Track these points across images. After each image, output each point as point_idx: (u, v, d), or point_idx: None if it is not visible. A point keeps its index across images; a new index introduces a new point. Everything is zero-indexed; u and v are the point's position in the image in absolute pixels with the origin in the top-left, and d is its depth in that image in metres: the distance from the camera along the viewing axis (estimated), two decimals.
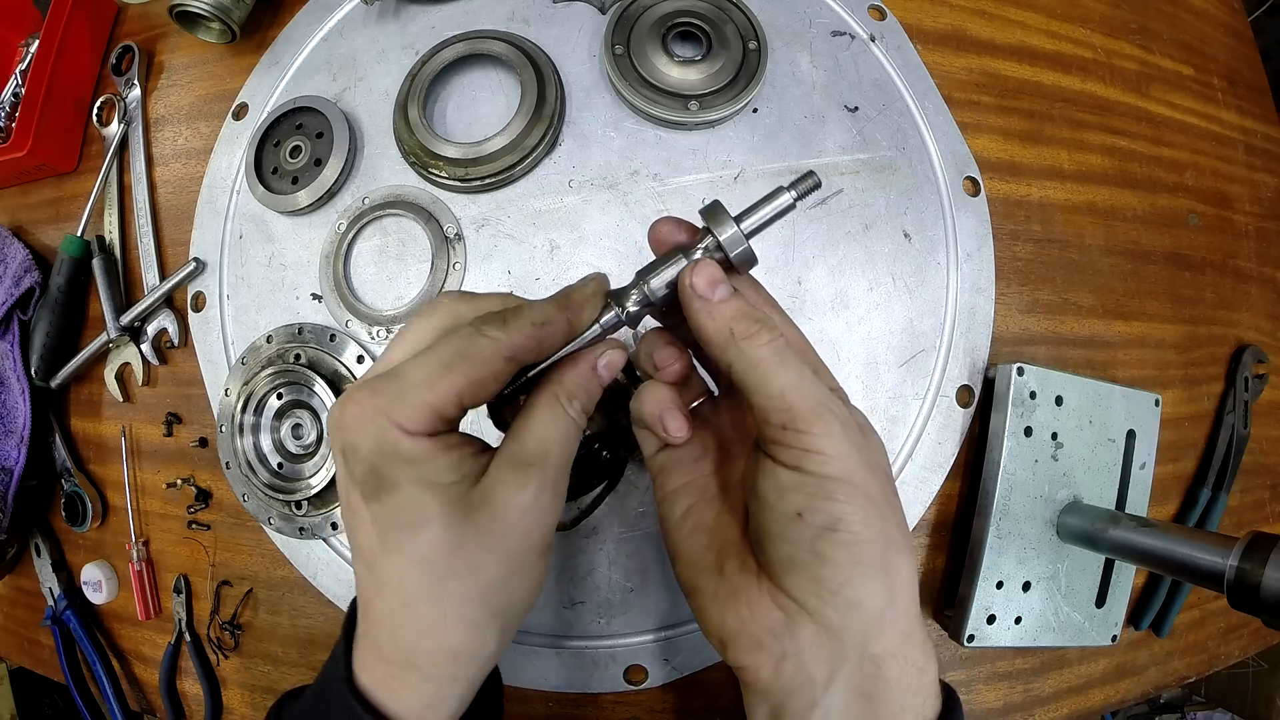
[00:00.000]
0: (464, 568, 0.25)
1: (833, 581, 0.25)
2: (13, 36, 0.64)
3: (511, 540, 0.25)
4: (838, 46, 0.52)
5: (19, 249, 0.57)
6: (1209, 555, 0.37)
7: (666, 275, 0.29)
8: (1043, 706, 0.49)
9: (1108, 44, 0.60)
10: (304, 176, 0.51)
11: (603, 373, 0.28)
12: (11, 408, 0.55)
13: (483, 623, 0.26)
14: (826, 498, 0.25)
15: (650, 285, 0.29)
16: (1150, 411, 0.49)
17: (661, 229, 0.30)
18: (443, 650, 0.26)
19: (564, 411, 0.27)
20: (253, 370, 0.48)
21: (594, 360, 0.28)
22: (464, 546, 0.25)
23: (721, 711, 0.45)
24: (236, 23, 0.54)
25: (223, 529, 0.52)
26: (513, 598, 0.26)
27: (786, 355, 0.26)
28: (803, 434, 0.25)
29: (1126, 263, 0.55)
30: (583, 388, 0.28)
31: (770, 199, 0.29)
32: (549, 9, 0.52)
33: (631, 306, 0.29)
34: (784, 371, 0.26)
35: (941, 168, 0.50)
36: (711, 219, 0.28)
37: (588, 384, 0.28)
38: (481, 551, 0.25)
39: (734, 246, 0.28)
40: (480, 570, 0.25)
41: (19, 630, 0.60)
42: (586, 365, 0.28)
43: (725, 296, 0.27)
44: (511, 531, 0.25)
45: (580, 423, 0.28)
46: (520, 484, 0.26)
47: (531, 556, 0.26)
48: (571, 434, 0.27)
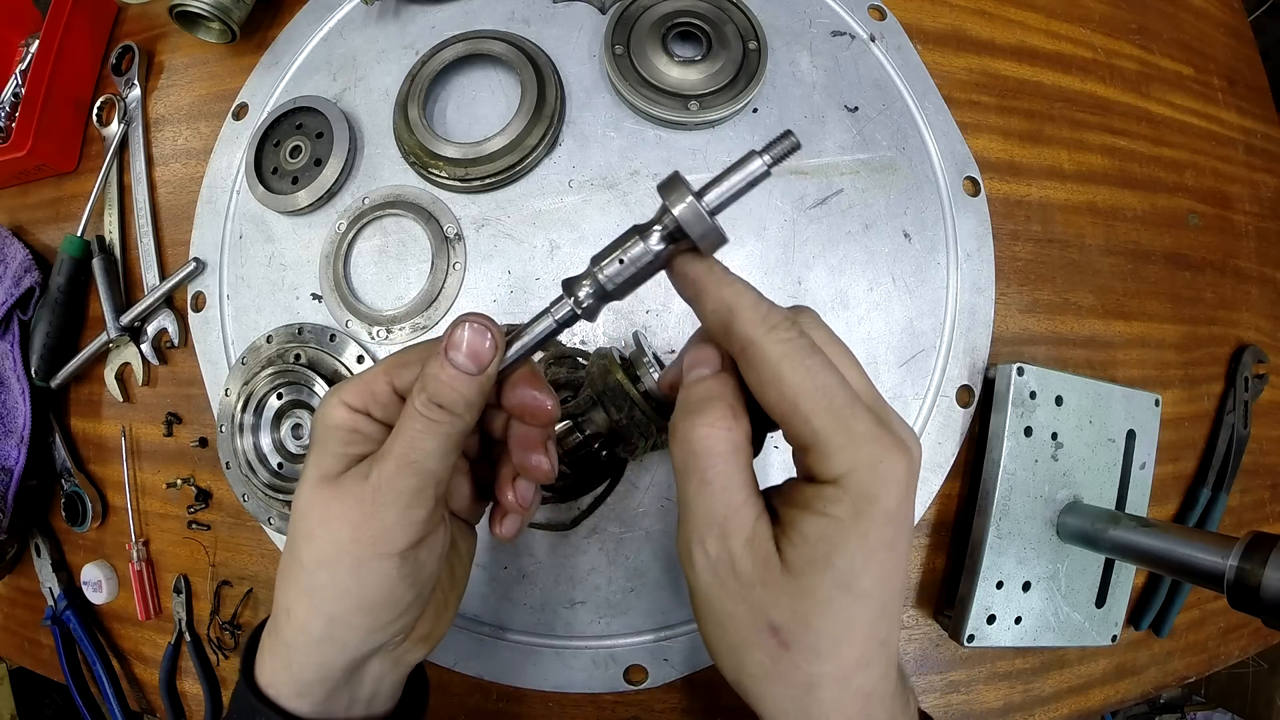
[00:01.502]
0: (304, 532, 0.26)
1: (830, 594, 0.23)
2: (13, 36, 0.64)
3: (342, 526, 0.25)
4: (838, 46, 0.52)
5: (19, 249, 0.57)
6: (1209, 555, 0.37)
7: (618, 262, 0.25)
8: (1043, 706, 0.49)
9: (1108, 44, 0.60)
10: (304, 176, 0.51)
11: (452, 354, 0.25)
12: (11, 408, 0.55)
13: (309, 594, 0.26)
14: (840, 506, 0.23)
15: (602, 276, 0.26)
16: (1150, 411, 0.49)
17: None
18: (283, 606, 0.27)
19: (411, 405, 0.25)
20: (253, 370, 0.48)
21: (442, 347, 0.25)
22: (308, 514, 0.26)
23: (721, 711, 0.45)
24: (236, 23, 0.54)
25: (223, 529, 0.52)
26: (340, 588, 0.26)
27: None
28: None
29: (1126, 263, 0.55)
30: (431, 375, 0.25)
31: (739, 166, 0.24)
32: (549, 9, 0.52)
33: (584, 298, 0.26)
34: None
35: (941, 168, 0.50)
36: (668, 194, 0.24)
37: (436, 371, 0.25)
38: (317, 524, 0.26)
39: (695, 226, 0.24)
40: (312, 541, 0.26)
41: (19, 630, 0.60)
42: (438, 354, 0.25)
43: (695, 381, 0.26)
44: (343, 516, 0.25)
45: (431, 415, 0.25)
46: (362, 474, 0.26)
47: (363, 553, 0.25)
48: (419, 427, 0.25)
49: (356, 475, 0.26)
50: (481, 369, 0.25)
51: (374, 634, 0.27)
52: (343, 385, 0.27)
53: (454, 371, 0.25)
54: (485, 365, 0.25)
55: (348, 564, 0.25)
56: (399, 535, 0.25)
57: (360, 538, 0.25)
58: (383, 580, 0.26)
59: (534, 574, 0.45)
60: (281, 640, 0.27)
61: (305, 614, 0.26)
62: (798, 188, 0.48)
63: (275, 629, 0.28)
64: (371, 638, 0.27)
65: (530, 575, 0.45)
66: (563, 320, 0.26)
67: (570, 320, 0.26)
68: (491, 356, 0.25)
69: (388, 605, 0.26)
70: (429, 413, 0.25)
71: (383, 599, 0.26)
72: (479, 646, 0.45)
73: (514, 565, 0.45)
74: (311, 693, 0.27)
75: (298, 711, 0.27)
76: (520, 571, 0.45)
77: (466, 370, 0.25)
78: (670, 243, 0.25)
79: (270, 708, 0.27)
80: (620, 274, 0.25)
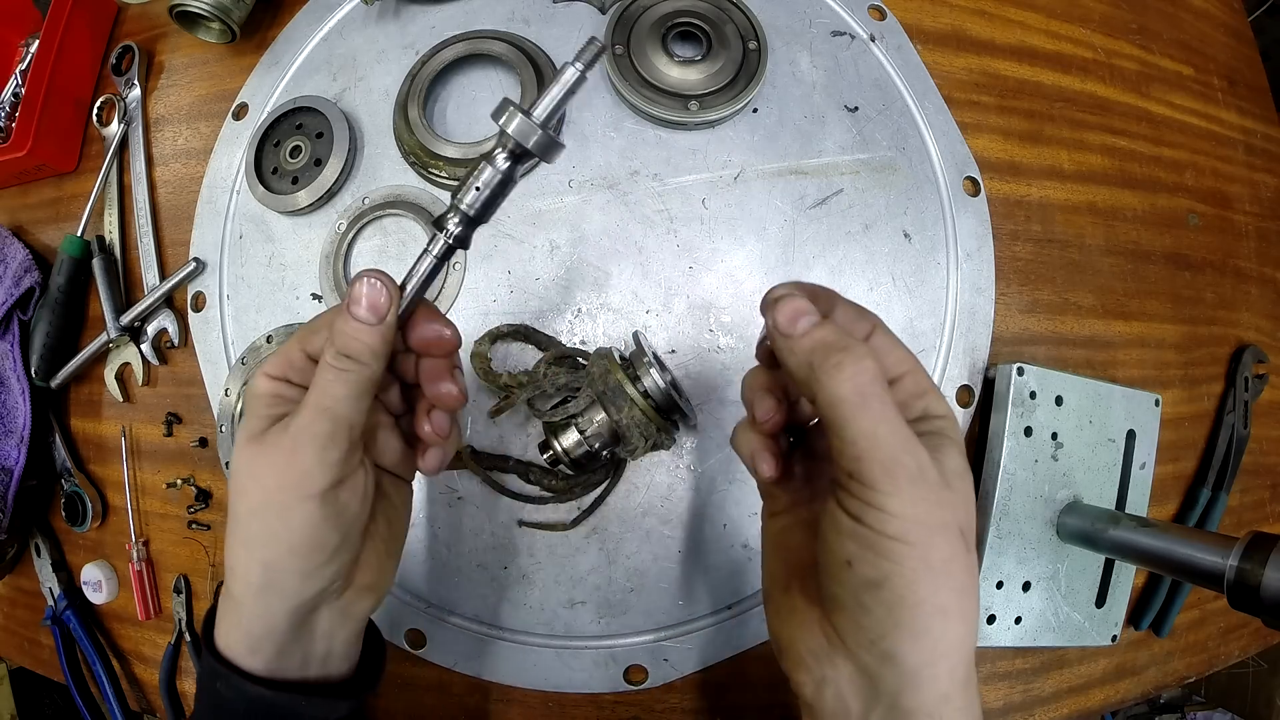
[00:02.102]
0: (238, 488, 0.28)
1: (871, 632, 0.25)
2: (13, 36, 0.64)
3: (268, 475, 0.27)
4: (838, 46, 0.52)
5: (19, 249, 0.57)
6: (1209, 555, 0.37)
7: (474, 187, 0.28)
8: (1043, 706, 0.49)
9: (1108, 44, 0.60)
10: (304, 176, 0.51)
11: (354, 309, 0.27)
12: (11, 408, 0.55)
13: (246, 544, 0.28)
14: (878, 554, 0.24)
15: (464, 204, 0.29)
16: (1150, 411, 0.49)
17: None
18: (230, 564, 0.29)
19: (324, 360, 0.28)
20: (252, 370, 0.48)
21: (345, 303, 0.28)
22: (240, 471, 0.28)
23: (722, 711, 0.45)
24: (236, 23, 0.54)
25: (223, 529, 0.51)
26: (270, 533, 0.28)
27: (869, 395, 0.24)
28: (867, 487, 0.24)
29: (1126, 263, 0.55)
30: (338, 329, 0.28)
31: (556, 78, 0.28)
32: (549, 9, 0.52)
33: (453, 228, 0.29)
34: (862, 416, 0.24)
35: (941, 168, 0.50)
36: (501, 116, 0.28)
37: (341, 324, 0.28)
38: (247, 478, 0.28)
39: (529, 137, 0.27)
40: (244, 495, 0.28)
41: (19, 630, 0.60)
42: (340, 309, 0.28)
43: (806, 328, 0.26)
44: (269, 466, 0.27)
45: (338, 364, 0.27)
46: (283, 427, 0.28)
47: (287, 497, 0.27)
48: (330, 376, 0.27)
49: (279, 429, 0.28)
50: (380, 318, 0.28)
51: (309, 579, 0.28)
52: (265, 359, 0.30)
53: (356, 324, 0.28)
54: (383, 314, 0.28)
55: (275, 509, 0.27)
56: (317, 476, 0.27)
57: (284, 483, 0.27)
58: (307, 521, 0.27)
59: (534, 574, 0.45)
60: (231, 598, 0.29)
61: (245, 565, 0.28)
62: (798, 188, 0.48)
63: (226, 590, 0.30)
64: (308, 583, 0.28)
65: (530, 575, 0.45)
66: (440, 254, 0.29)
67: (448, 252, 0.29)
68: (388, 306, 0.28)
69: (315, 547, 0.28)
70: (337, 363, 0.28)
71: (309, 540, 0.28)
72: (479, 646, 0.45)
73: (514, 565, 0.45)
74: (262, 648, 0.29)
75: (252, 669, 0.29)
76: (520, 571, 0.45)
77: (367, 321, 0.28)
78: (515, 160, 0.29)
79: (228, 668, 0.29)
80: (478, 198, 0.29)
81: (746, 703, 0.45)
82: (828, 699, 0.27)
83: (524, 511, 0.45)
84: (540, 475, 0.44)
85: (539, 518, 0.45)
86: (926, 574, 0.24)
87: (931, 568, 0.24)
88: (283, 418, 0.28)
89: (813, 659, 0.27)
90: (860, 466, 0.24)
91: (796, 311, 0.26)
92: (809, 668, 0.27)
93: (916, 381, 0.28)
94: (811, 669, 0.27)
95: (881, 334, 0.29)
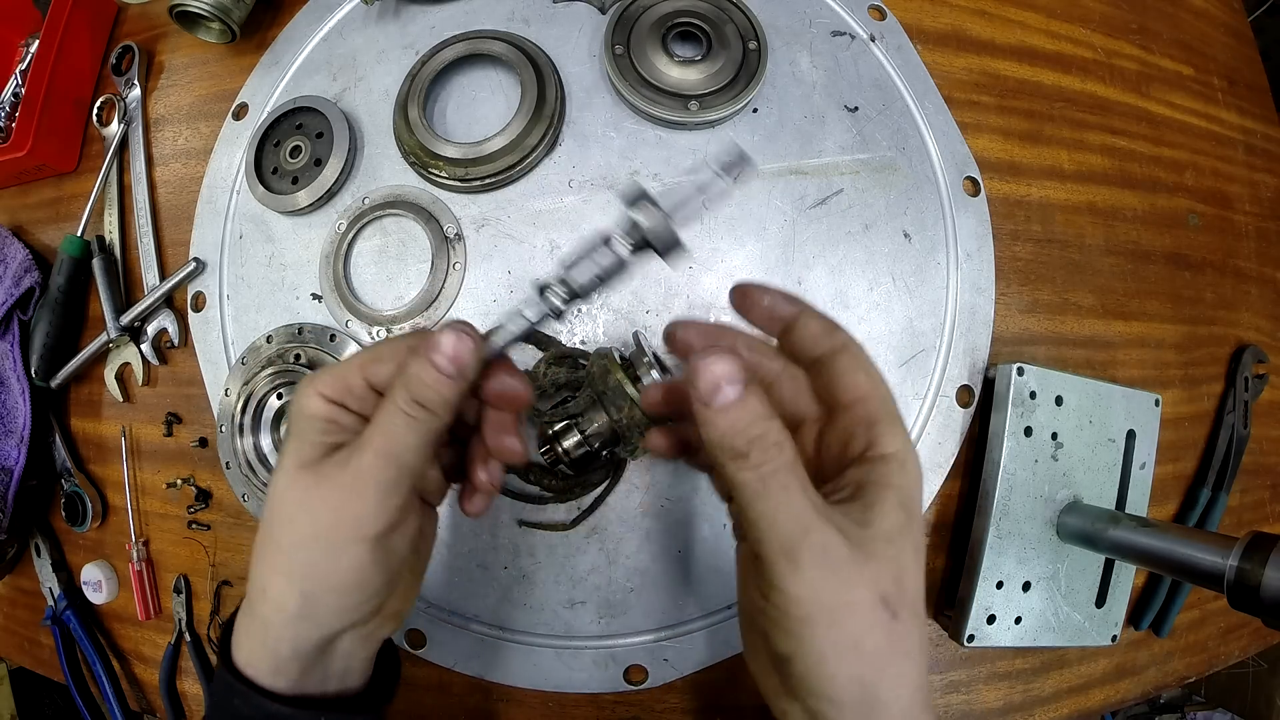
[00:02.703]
0: (284, 516, 0.27)
1: (798, 691, 0.25)
2: (13, 36, 0.64)
3: (321, 511, 0.26)
4: (838, 46, 0.52)
5: (19, 249, 0.57)
6: (1209, 555, 0.37)
7: (588, 268, 0.28)
8: (1043, 706, 0.49)
9: (1108, 44, 0.60)
10: (304, 176, 0.51)
11: (435, 358, 0.26)
12: (11, 408, 0.55)
13: (286, 573, 0.27)
14: (785, 632, 0.24)
15: (572, 279, 0.28)
16: (1150, 411, 0.49)
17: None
18: (259, 586, 0.28)
19: (393, 401, 0.27)
20: (253, 370, 0.48)
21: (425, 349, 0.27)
22: (287, 499, 0.27)
23: (721, 711, 0.45)
24: (236, 23, 0.54)
25: (223, 529, 0.52)
26: (317, 568, 0.27)
27: (770, 482, 0.24)
28: (768, 568, 0.24)
29: (1126, 263, 0.55)
30: (414, 375, 0.27)
31: (698, 183, 0.27)
32: (549, 9, 0.52)
33: (555, 299, 0.28)
34: (760, 503, 0.24)
35: (941, 168, 0.50)
36: (632, 204, 0.27)
37: (419, 372, 0.26)
38: (296, 508, 0.27)
39: (657, 234, 0.27)
40: (291, 524, 0.27)
41: (19, 630, 0.60)
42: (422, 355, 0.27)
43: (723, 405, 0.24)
44: (323, 502, 0.26)
45: (411, 412, 0.26)
46: (342, 463, 0.27)
47: (340, 536, 0.26)
48: (399, 423, 0.26)
49: (337, 463, 0.27)
50: (461, 374, 0.27)
51: (346, 612, 0.28)
52: (318, 376, 0.28)
53: (436, 374, 0.26)
54: (465, 370, 0.27)
55: (325, 547, 0.27)
56: (375, 520, 0.27)
57: (338, 522, 0.26)
58: (357, 562, 0.27)
59: (534, 574, 0.45)
60: (257, 618, 0.28)
61: (282, 591, 0.27)
62: (798, 188, 0.48)
63: (250, 608, 0.29)
64: (344, 615, 0.28)
65: (530, 575, 0.45)
66: (536, 320, 0.28)
67: (542, 320, 0.28)
68: (471, 363, 0.27)
69: (359, 586, 0.27)
70: (410, 410, 0.26)
71: (355, 580, 0.27)
72: (479, 646, 0.45)
73: (514, 565, 0.45)
74: (287, 670, 0.28)
75: (274, 688, 0.28)
76: (520, 571, 0.45)
77: (447, 373, 0.26)
78: (635, 247, 0.28)
79: (249, 686, 0.28)
80: (590, 279, 0.28)
81: (746, 703, 0.45)
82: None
83: (524, 511, 0.45)
84: (540, 475, 0.44)
85: (539, 518, 0.45)
86: (833, 651, 0.24)
87: (837, 645, 0.24)
88: (338, 446, 0.27)
89: (772, 694, 0.28)
90: (761, 549, 0.24)
91: (717, 380, 0.24)
92: (771, 700, 0.28)
93: (867, 411, 0.27)
94: (774, 702, 0.28)
95: (847, 355, 0.28)
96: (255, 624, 0.29)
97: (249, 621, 0.29)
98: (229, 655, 0.29)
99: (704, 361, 0.24)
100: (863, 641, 0.24)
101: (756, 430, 0.24)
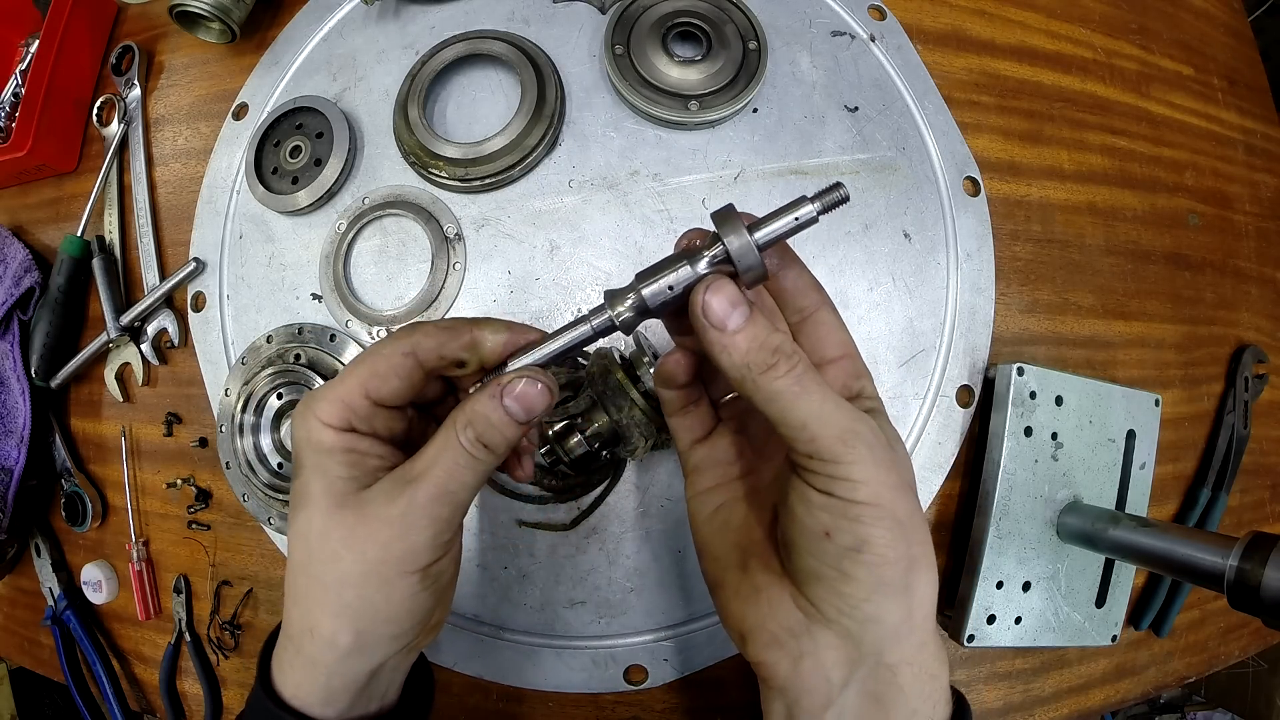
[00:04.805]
0: (326, 554, 0.26)
1: (854, 598, 0.26)
2: (13, 36, 0.64)
3: (370, 548, 0.26)
4: (838, 46, 0.52)
5: (19, 249, 0.57)
6: (1209, 555, 0.37)
7: (664, 282, 0.26)
8: (1043, 706, 0.49)
9: (1108, 44, 0.60)
10: (304, 176, 0.51)
11: (509, 403, 0.26)
12: (11, 408, 0.55)
13: (336, 613, 0.27)
14: (854, 520, 0.25)
15: (645, 293, 0.26)
16: (1150, 411, 0.49)
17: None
18: (305, 627, 0.27)
19: (455, 437, 0.26)
20: (253, 370, 0.48)
21: (499, 389, 0.26)
22: (329, 537, 0.26)
23: (721, 711, 0.45)
24: (236, 23, 0.54)
25: (223, 529, 0.52)
26: (369, 605, 0.26)
27: (806, 383, 0.25)
28: (829, 462, 0.25)
29: (1126, 263, 0.55)
30: (482, 416, 0.26)
31: (791, 208, 0.26)
32: (549, 9, 0.52)
33: (626, 312, 0.27)
34: (804, 403, 0.25)
35: (941, 168, 0.50)
36: (723, 224, 0.26)
37: (489, 413, 0.26)
38: (341, 546, 0.26)
39: (744, 258, 0.25)
40: (336, 563, 0.26)
41: (19, 630, 0.60)
42: (490, 392, 0.26)
43: (739, 325, 0.25)
44: (371, 539, 0.26)
45: (475, 453, 0.26)
46: (389, 497, 0.26)
47: (391, 571, 0.26)
48: (462, 462, 0.26)
49: (381, 498, 0.26)
50: (531, 419, 0.27)
51: (398, 640, 0.28)
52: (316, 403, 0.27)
53: (506, 418, 0.26)
54: (535, 416, 0.27)
55: (375, 583, 0.26)
56: (426, 555, 0.26)
57: (388, 558, 0.26)
58: (408, 594, 0.27)
59: (534, 574, 0.45)
60: (305, 657, 0.28)
61: (332, 631, 0.27)
62: (798, 188, 0.48)
63: (296, 648, 0.28)
64: (397, 643, 0.28)
65: (530, 575, 0.45)
66: (600, 329, 0.27)
67: (607, 330, 0.27)
68: (543, 409, 0.27)
69: (411, 616, 0.27)
70: (474, 450, 0.26)
71: (408, 611, 0.27)
72: (479, 646, 0.45)
73: (514, 565, 0.45)
74: (338, 700, 0.28)
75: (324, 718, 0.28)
76: (520, 571, 0.45)
77: (517, 419, 0.26)
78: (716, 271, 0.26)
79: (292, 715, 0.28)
80: (662, 295, 0.26)
81: (746, 702, 0.45)
82: (804, 673, 0.27)
83: (524, 511, 0.45)
84: (540, 475, 0.44)
85: (539, 518, 0.45)
86: (899, 530, 0.25)
87: (902, 523, 0.25)
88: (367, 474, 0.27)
89: (788, 635, 0.27)
90: (818, 446, 0.25)
91: (729, 302, 0.25)
92: (784, 644, 0.27)
93: (855, 365, 0.29)
94: (787, 645, 0.27)
95: (827, 311, 0.29)
96: (302, 661, 0.28)
97: (295, 658, 0.28)
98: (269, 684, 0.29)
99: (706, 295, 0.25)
100: (914, 520, 0.26)
101: (775, 341, 0.25)
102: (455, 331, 0.28)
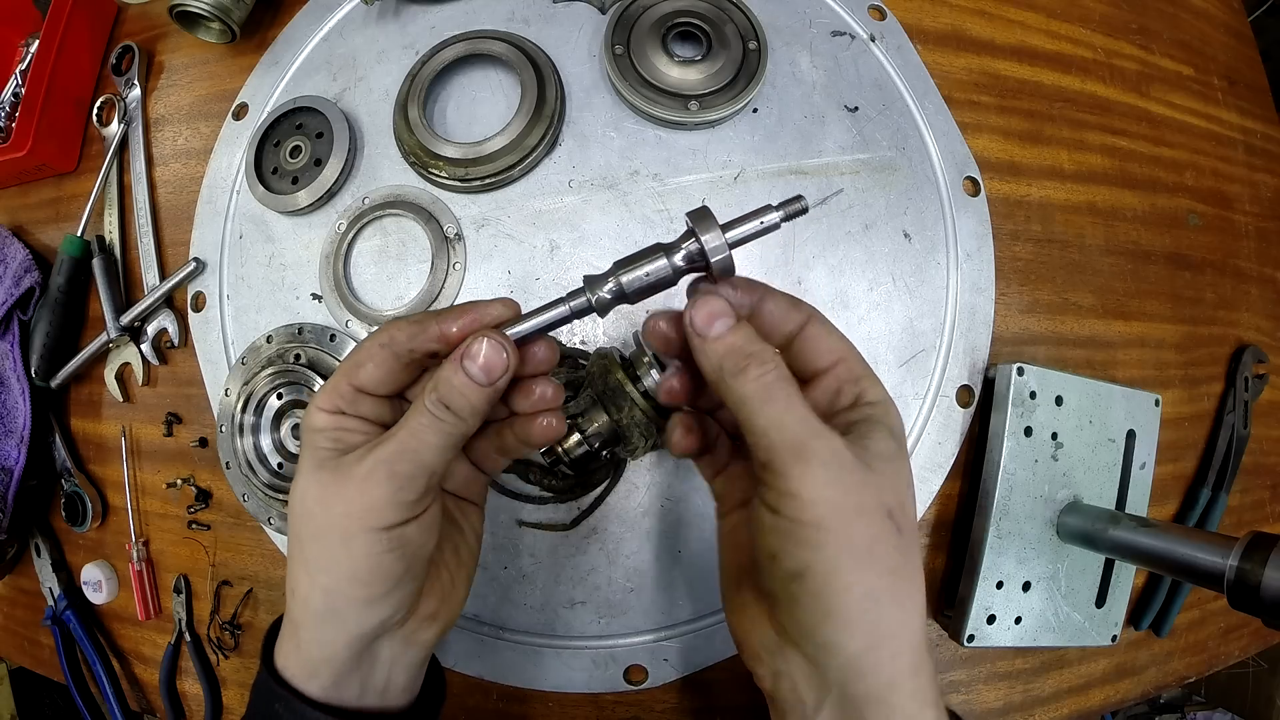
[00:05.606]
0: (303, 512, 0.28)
1: (804, 624, 0.25)
2: (13, 36, 0.64)
3: (336, 503, 0.27)
4: (838, 46, 0.52)
5: (19, 249, 0.57)
6: (1209, 555, 0.37)
7: (641, 271, 0.29)
8: (1043, 706, 0.49)
9: (1108, 44, 0.60)
10: (304, 176, 0.51)
11: (467, 364, 0.27)
12: (11, 408, 0.55)
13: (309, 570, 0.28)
14: (799, 544, 0.24)
15: (624, 279, 0.29)
16: (1150, 411, 0.49)
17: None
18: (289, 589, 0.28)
19: (421, 401, 0.27)
20: (253, 370, 0.48)
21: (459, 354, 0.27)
22: (306, 496, 0.28)
23: (721, 711, 0.45)
24: (236, 23, 0.54)
25: (223, 529, 0.52)
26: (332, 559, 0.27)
27: (774, 390, 0.25)
28: (779, 475, 0.24)
29: (1126, 263, 0.55)
30: (445, 379, 0.27)
31: (757, 214, 0.28)
32: (549, 9, 0.52)
33: (604, 294, 0.29)
34: (769, 409, 0.25)
35: (941, 168, 0.50)
36: (698, 222, 0.28)
37: (450, 375, 0.27)
38: (314, 504, 0.27)
39: (717, 254, 0.28)
40: (310, 519, 0.27)
41: (19, 630, 0.60)
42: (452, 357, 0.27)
43: (720, 332, 0.27)
44: (338, 495, 0.27)
45: (436, 412, 0.27)
46: (359, 458, 0.27)
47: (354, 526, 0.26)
48: (424, 421, 0.27)
49: (353, 458, 0.27)
50: (492, 382, 0.27)
51: (371, 608, 0.28)
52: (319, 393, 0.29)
53: (466, 380, 0.27)
54: (495, 380, 0.27)
55: (338, 535, 0.27)
56: (387, 513, 0.27)
57: (350, 511, 0.27)
58: (370, 551, 0.27)
59: (534, 574, 0.45)
60: (291, 620, 0.29)
61: (306, 590, 0.28)
62: (798, 188, 0.48)
63: (287, 612, 0.29)
64: (369, 613, 0.28)
65: (530, 575, 0.45)
66: (577, 309, 0.29)
67: (584, 311, 0.29)
68: (503, 373, 0.27)
69: (377, 575, 0.27)
70: (436, 411, 0.27)
71: (371, 568, 0.27)
72: (479, 646, 0.45)
73: (514, 565, 0.45)
74: (319, 673, 0.28)
75: (308, 692, 0.28)
76: (520, 571, 0.45)
77: (478, 381, 0.27)
78: (689, 264, 0.28)
79: (285, 689, 0.28)
80: (638, 281, 0.28)
81: (746, 702, 0.45)
82: (784, 691, 0.27)
83: (524, 511, 0.45)
84: (540, 475, 0.44)
85: (539, 518, 0.45)
86: (849, 558, 0.24)
87: (854, 551, 0.24)
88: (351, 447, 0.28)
89: (766, 653, 0.28)
90: (771, 456, 0.24)
91: (713, 313, 0.27)
92: (763, 661, 0.28)
93: (849, 368, 0.28)
94: (766, 662, 0.28)
95: (815, 324, 0.29)
96: (289, 626, 0.29)
97: (285, 625, 0.29)
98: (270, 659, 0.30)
99: (698, 303, 0.27)
100: (875, 549, 0.24)
101: (752, 348, 0.26)
102: (423, 325, 0.28)
